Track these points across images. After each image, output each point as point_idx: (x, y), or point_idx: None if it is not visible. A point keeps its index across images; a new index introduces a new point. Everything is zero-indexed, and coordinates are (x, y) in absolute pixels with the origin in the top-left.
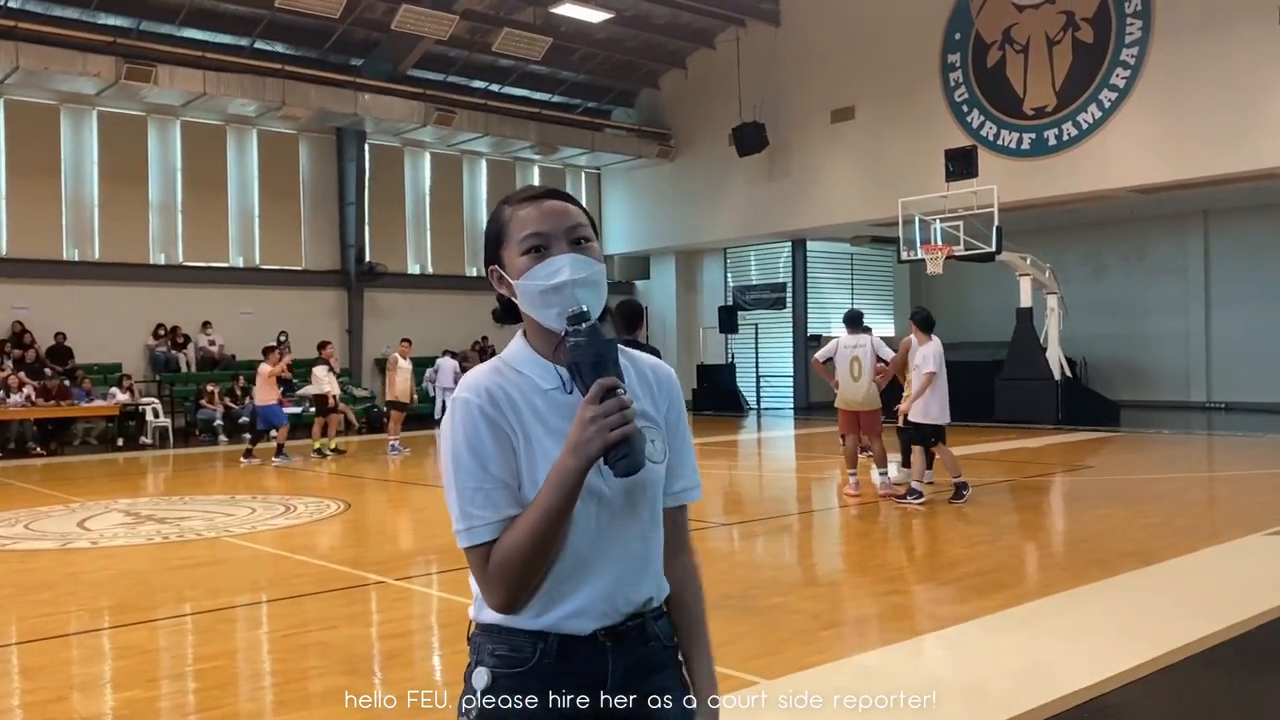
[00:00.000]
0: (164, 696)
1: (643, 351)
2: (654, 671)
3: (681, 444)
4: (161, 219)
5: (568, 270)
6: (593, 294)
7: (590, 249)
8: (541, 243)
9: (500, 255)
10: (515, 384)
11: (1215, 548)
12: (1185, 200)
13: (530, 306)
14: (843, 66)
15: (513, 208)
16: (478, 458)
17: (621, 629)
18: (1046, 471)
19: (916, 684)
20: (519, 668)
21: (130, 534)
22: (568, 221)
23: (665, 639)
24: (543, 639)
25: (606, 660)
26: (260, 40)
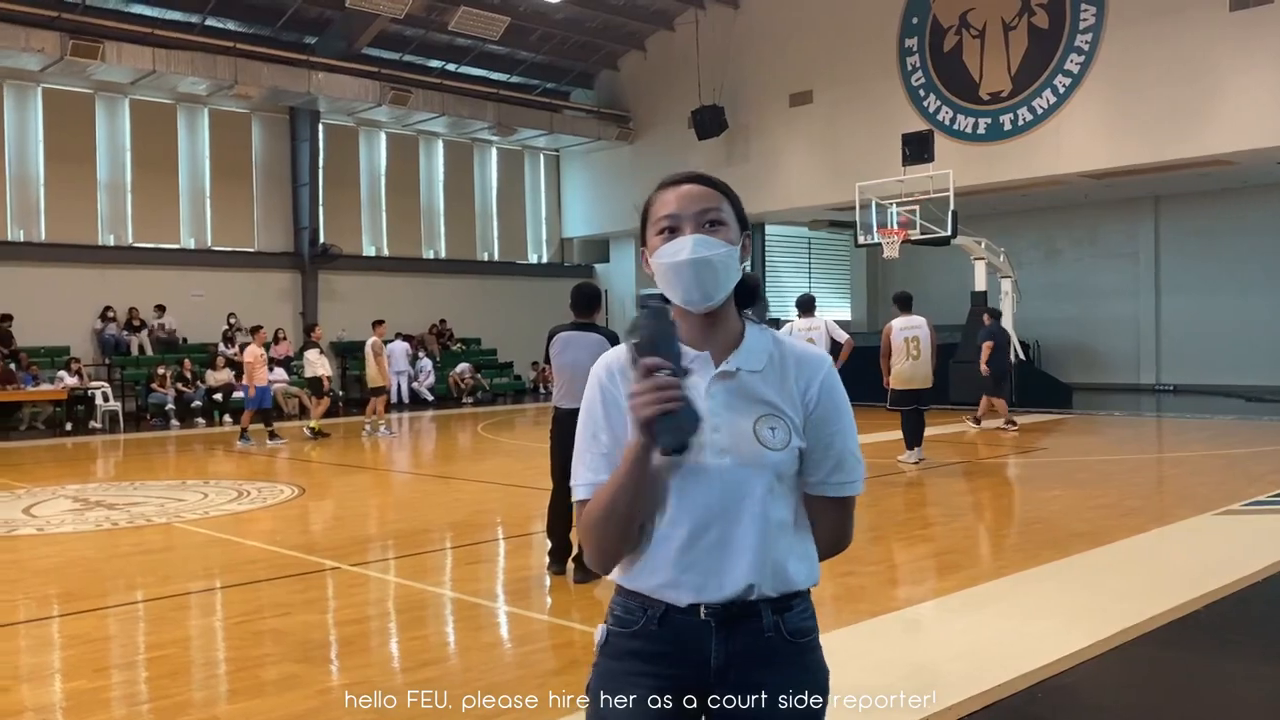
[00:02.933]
0: (114, 686)
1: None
2: (769, 664)
3: (829, 434)
4: (110, 199)
5: (688, 249)
6: (713, 274)
7: (720, 231)
8: (673, 224)
9: (646, 238)
10: None
11: (1165, 528)
12: (1136, 186)
13: (661, 283)
14: (801, 50)
15: (660, 191)
16: (591, 425)
17: (728, 611)
18: (1000, 454)
19: (871, 666)
20: (628, 629)
21: (78, 520)
22: (700, 204)
23: (791, 634)
24: (650, 605)
25: (710, 639)
26: (211, 17)
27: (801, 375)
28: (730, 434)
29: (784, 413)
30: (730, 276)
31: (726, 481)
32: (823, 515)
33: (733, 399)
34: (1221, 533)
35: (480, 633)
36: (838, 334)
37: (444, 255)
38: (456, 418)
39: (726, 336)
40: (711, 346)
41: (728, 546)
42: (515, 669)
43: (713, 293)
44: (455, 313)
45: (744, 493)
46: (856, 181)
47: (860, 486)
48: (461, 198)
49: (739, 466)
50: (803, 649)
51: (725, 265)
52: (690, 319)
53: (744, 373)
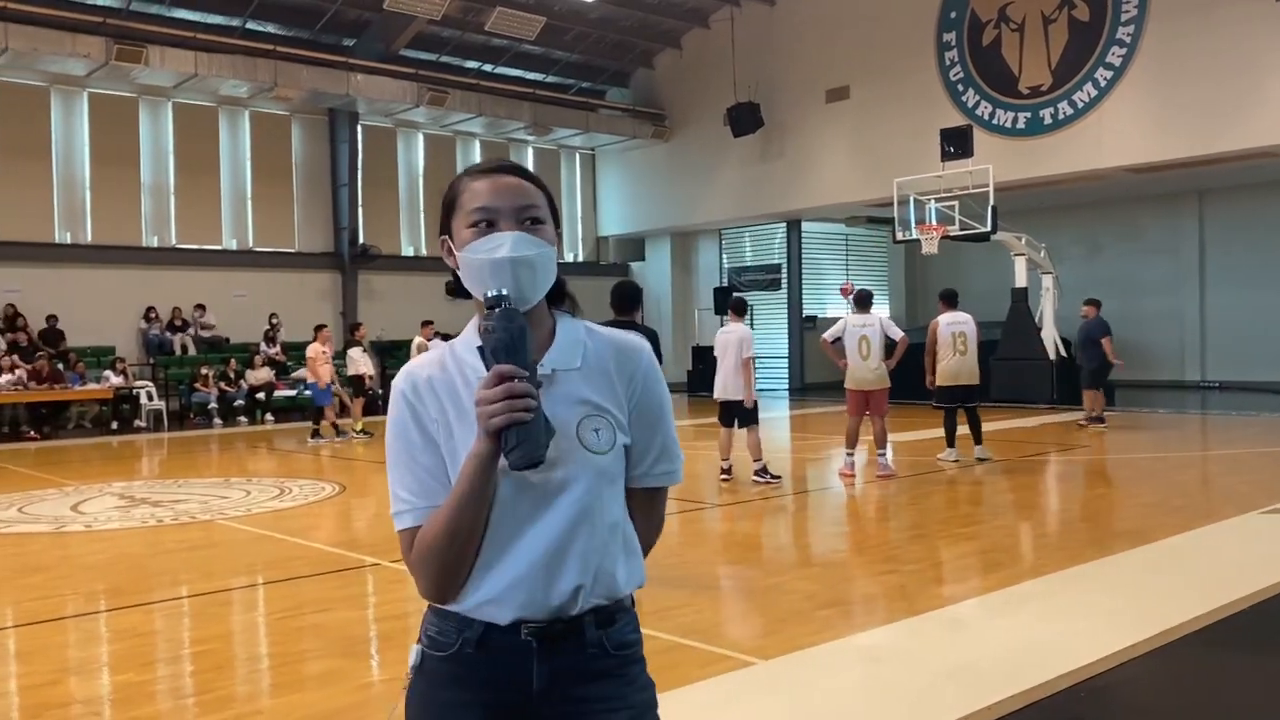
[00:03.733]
0: (160, 679)
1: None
2: (592, 680)
3: (652, 424)
4: (153, 201)
5: (508, 247)
6: (533, 275)
7: (540, 230)
8: (488, 218)
9: (450, 226)
10: (451, 369)
11: (1211, 526)
12: (1180, 179)
13: (469, 280)
14: (838, 46)
15: (470, 178)
16: (404, 444)
17: (550, 629)
18: (1041, 451)
19: (913, 664)
20: (442, 652)
21: (125, 517)
22: (520, 200)
23: (613, 647)
24: (468, 626)
25: (531, 659)
26: (252, 20)
27: (623, 366)
28: (554, 442)
29: (607, 411)
30: (548, 278)
31: (550, 489)
32: (644, 506)
33: (552, 403)
34: (1268, 532)
35: None
36: (893, 331)
37: None
38: None
39: (539, 336)
40: None
41: (553, 557)
42: None
43: (530, 294)
44: None
45: (569, 500)
46: (894, 177)
47: (681, 474)
48: None
49: (563, 473)
50: (626, 661)
51: (545, 266)
52: None
53: (560, 373)
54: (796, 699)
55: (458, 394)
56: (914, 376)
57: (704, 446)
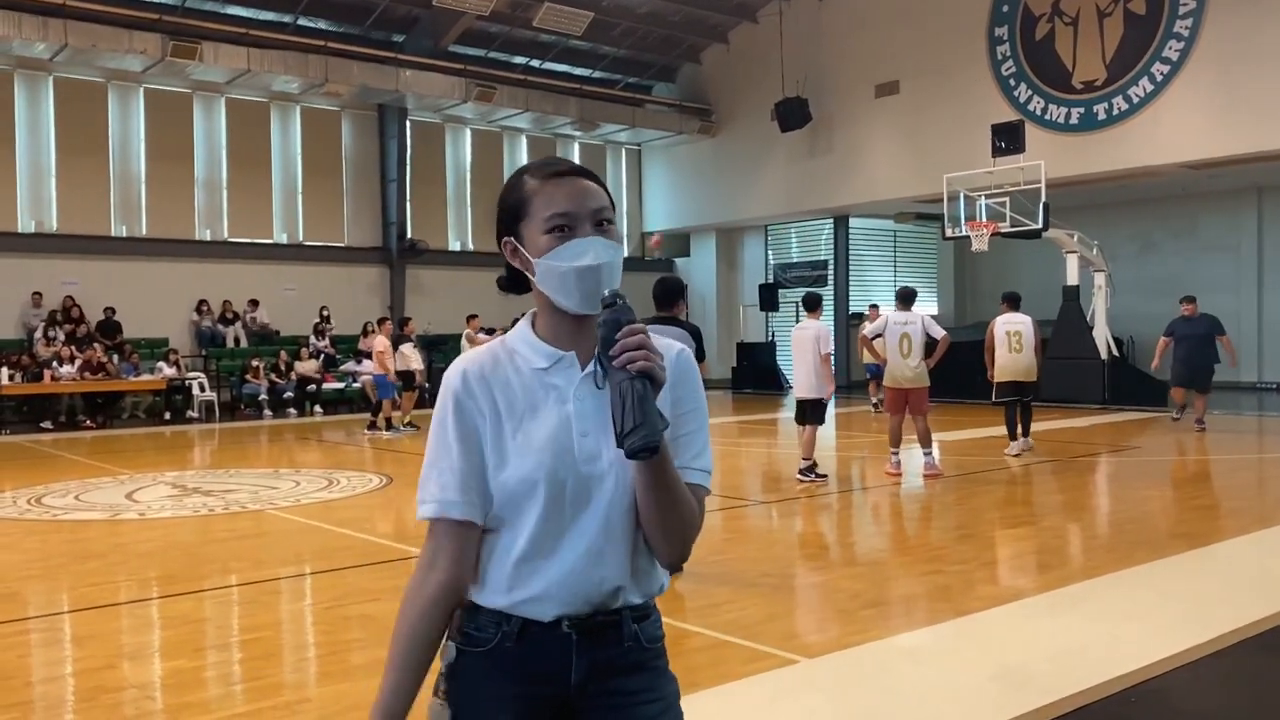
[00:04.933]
0: (210, 666)
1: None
2: (629, 672)
3: (690, 424)
4: (207, 195)
5: (593, 254)
6: (614, 278)
7: (612, 231)
8: (567, 223)
9: (519, 229)
10: (503, 361)
11: (1267, 530)
12: (1238, 176)
13: (550, 286)
14: (887, 40)
15: (537, 181)
16: (445, 438)
17: (590, 622)
18: (1092, 451)
19: (958, 665)
20: (480, 648)
21: (177, 506)
22: (593, 203)
23: (648, 640)
24: (506, 620)
25: (570, 652)
26: (303, 17)
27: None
28: (597, 440)
29: None
30: (619, 279)
31: (594, 488)
32: None
33: (600, 403)
34: None
35: None
36: (934, 330)
37: None
38: None
39: (593, 334)
40: (579, 346)
41: (596, 554)
42: None
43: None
44: None
45: (612, 498)
46: (944, 173)
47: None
48: None
49: (607, 472)
50: (657, 654)
51: (619, 269)
52: (559, 318)
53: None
54: (840, 698)
55: (510, 386)
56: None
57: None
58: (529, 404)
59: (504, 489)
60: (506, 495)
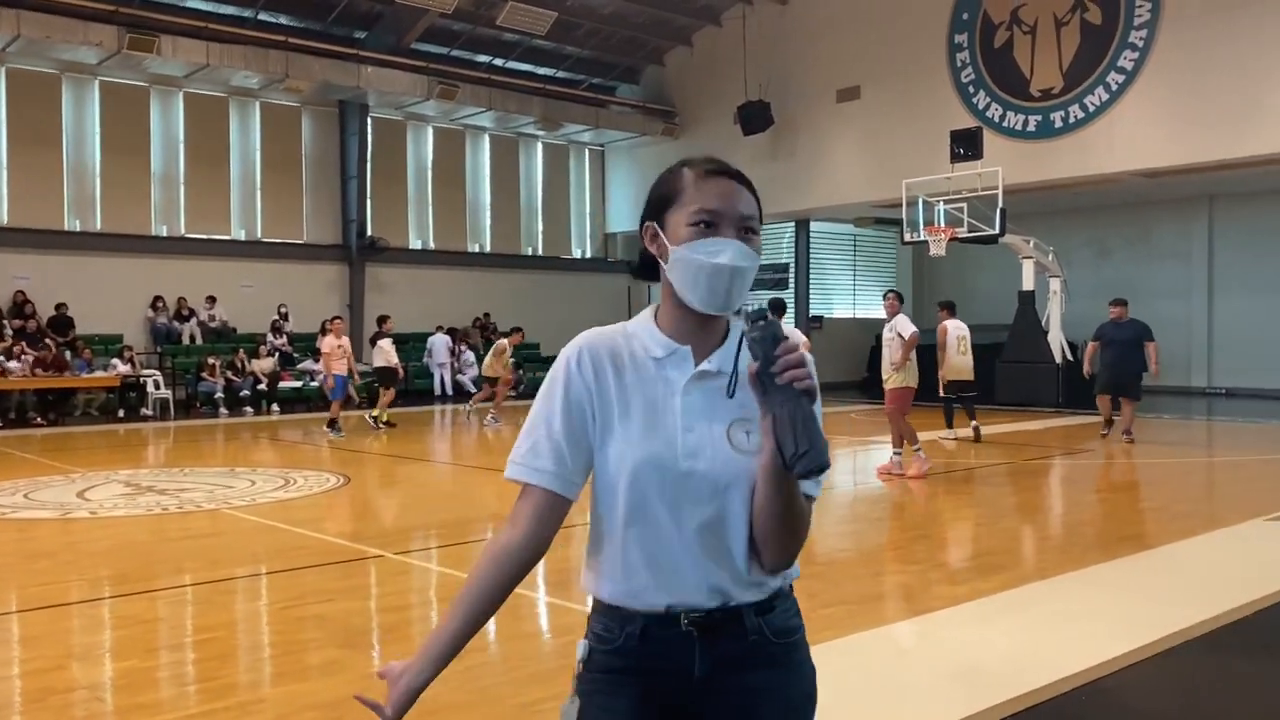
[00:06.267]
0: (163, 666)
1: None
2: (753, 668)
3: None
4: (163, 190)
5: (729, 254)
6: (743, 285)
7: (754, 241)
8: (713, 219)
9: (664, 216)
10: (621, 346)
11: (1215, 533)
12: (1190, 185)
13: (680, 276)
14: (849, 46)
15: (695, 175)
16: (549, 406)
17: (710, 619)
18: (1046, 454)
19: (914, 665)
20: (607, 646)
21: (130, 505)
22: (743, 208)
23: (775, 634)
24: (630, 620)
25: (693, 649)
26: (264, 12)
27: None
28: (702, 437)
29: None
30: (748, 288)
31: (696, 484)
32: None
33: (709, 400)
34: (1272, 538)
35: (521, 623)
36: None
37: (489, 249)
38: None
39: (713, 333)
40: (695, 342)
41: (699, 552)
42: (556, 658)
43: (735, 302)
44: (498, 306)
45: (716, 497)
46: (903, 179)
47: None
48: (507, 192)
49: (712, 470)
50: (790, 648)
51: (751, 277)
52: (682, 313)
53: (724, 373)
54: None
55: (624, 371)
56: None
57: None
58: (641, 392)
59: (608, 474)
60: (611, 481)
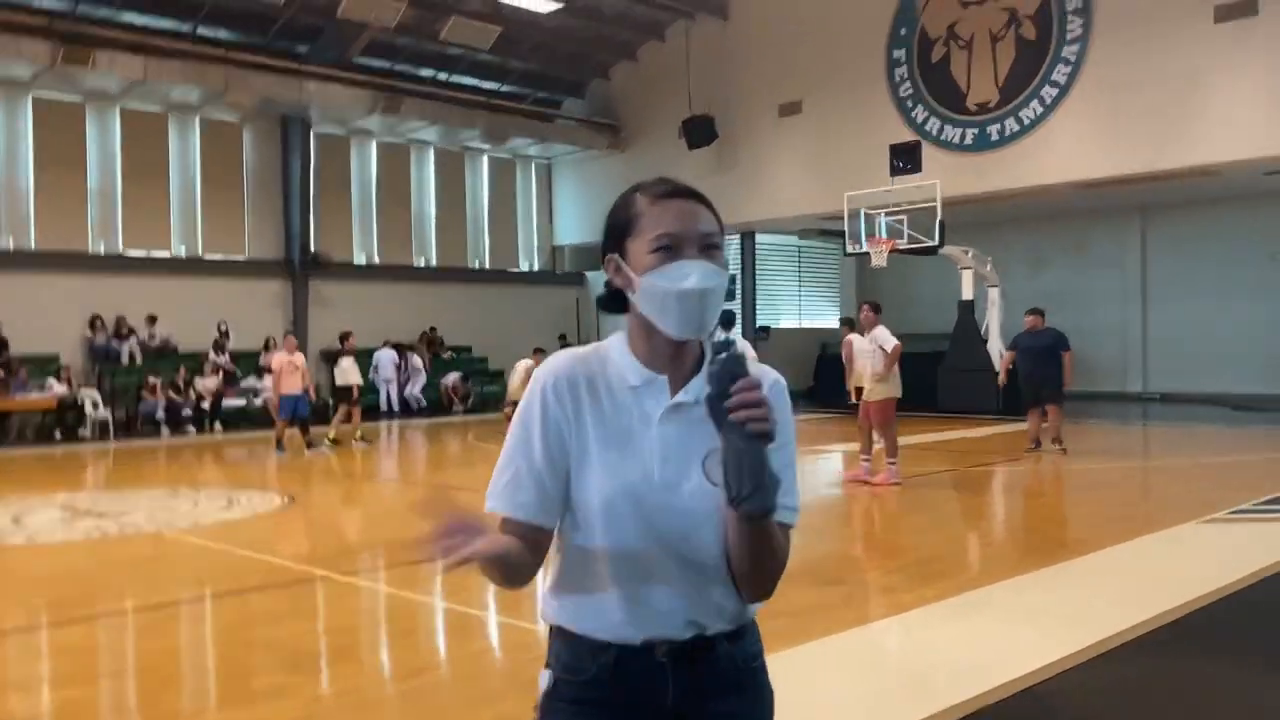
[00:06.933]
0: (104, 695)
1: None
2: (722, 695)
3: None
4: (100, 207)
5: (696, 277)
6: (715, 305)
7: (718, 257)
8: (673, 243)
9: (625, 246)
10: (597, 373)
11: (1150, 536)
12: (1124, 195)
13: (649, 305)
14: (790, 61)
15: (648, 200)
16: (526, 437)
17: (683, 648)
18: (988, 461)
19: (860, 673)
20: (578, 676)
21: (68, 530)
22: (702, 226)
23: (744, 660)
24: (603, 651)
25: (666, 679)
26: (203, 26)
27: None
28: (679, 468)
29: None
30: (721, 306)
31: (673, 517)
32: None
33: (685, 431)
34: (1206, 540)
35: (470, 641)
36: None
37: (435, 263)
38: (447, 426)
39: (687, 360)
40: (671, 369)
41: (677, 584)
42: (505, 677)
43: (708, 325)
44: (446, 321)
45: (690, 529)
46: (845, 191)
47: (797, 514)
48: (453, 206)
49: (687, 502)
50: (755, 673)
51: (722, 295)
52: (656, 339)
53: (700, 402)
54: None
55: (601, 400)
56: None
57: None
58: (617, 422)
59: (584, 504)
60: (585, 510)
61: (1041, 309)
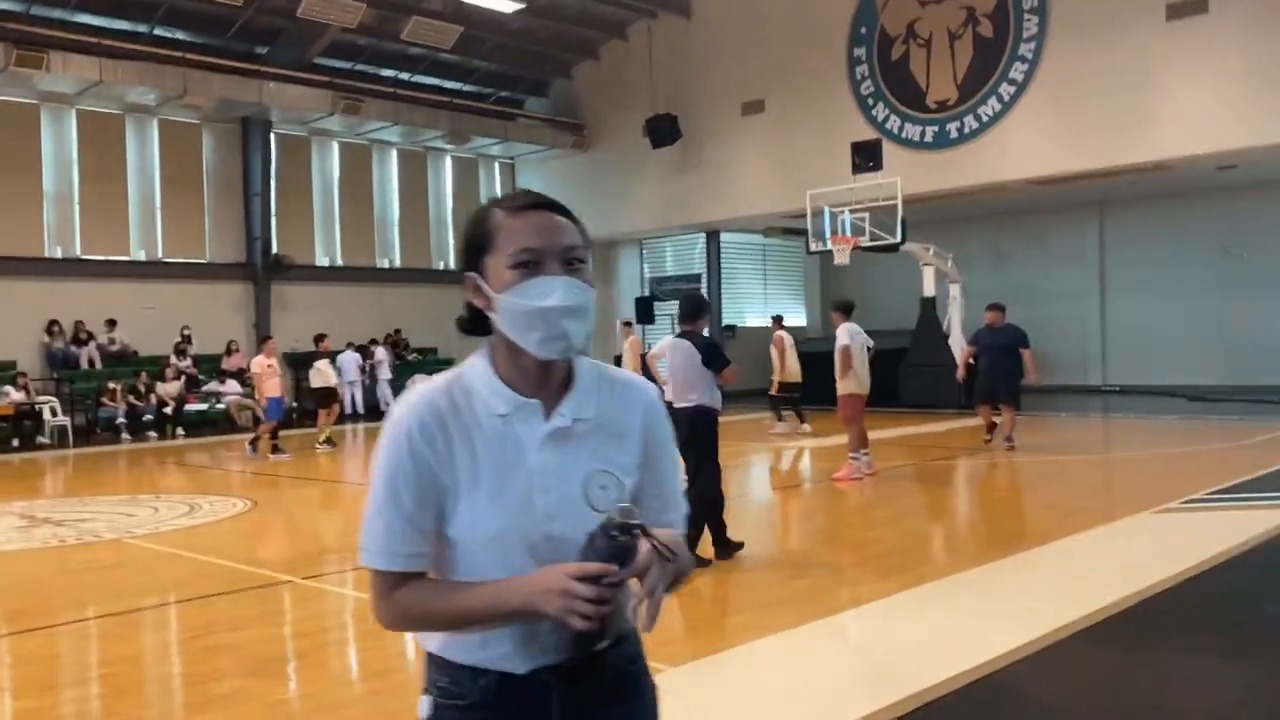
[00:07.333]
0: (63, 703)
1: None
2: (609, 703)
3: (659, 472)
4: (56, 210)
5: (559, 294)
6: (581, 323)
7: (583, 272)
8: (534, 258)
9: (483, 263)
10: (462, 406)
11: (1105, 526)
12: (1081, 191)
13: (510, 325)
14: (752, 59)
15: (505, 214)
16: (394, 485)
17: (568, 665)
18: (949, 455)
19: (821, 665)
20: (459, 700)
21: (26, 538)
22: (564, 239)
23: (626, 662)
24: (482, 674)
25: (550, 697)
26: (160, 27)
27: (634, 412)
28: (559, 498)
29: (617, 465)
30: (591, 324)
31: (557, 547)
32: None
33: (564, 456)
34: (1160, 530)
35: None
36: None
37: (399, 264)
38: None
39: (557, 379)
40: (543, 393)
41: None
42: None
43: (575, 343)
44: (410, 322)
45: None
46: (808, 189)
47: (683, 524)
48: (416, 207)
49: (567, 530)
50: (636, 674)
51: (591, 311)
52: (522, 361)
53: (577, 423)
54: (704, 705)
55: (469, 434)
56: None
57: None
58: (488, 456)
59: (463, 546)
60: (465, 551)
61: (1002, 304)
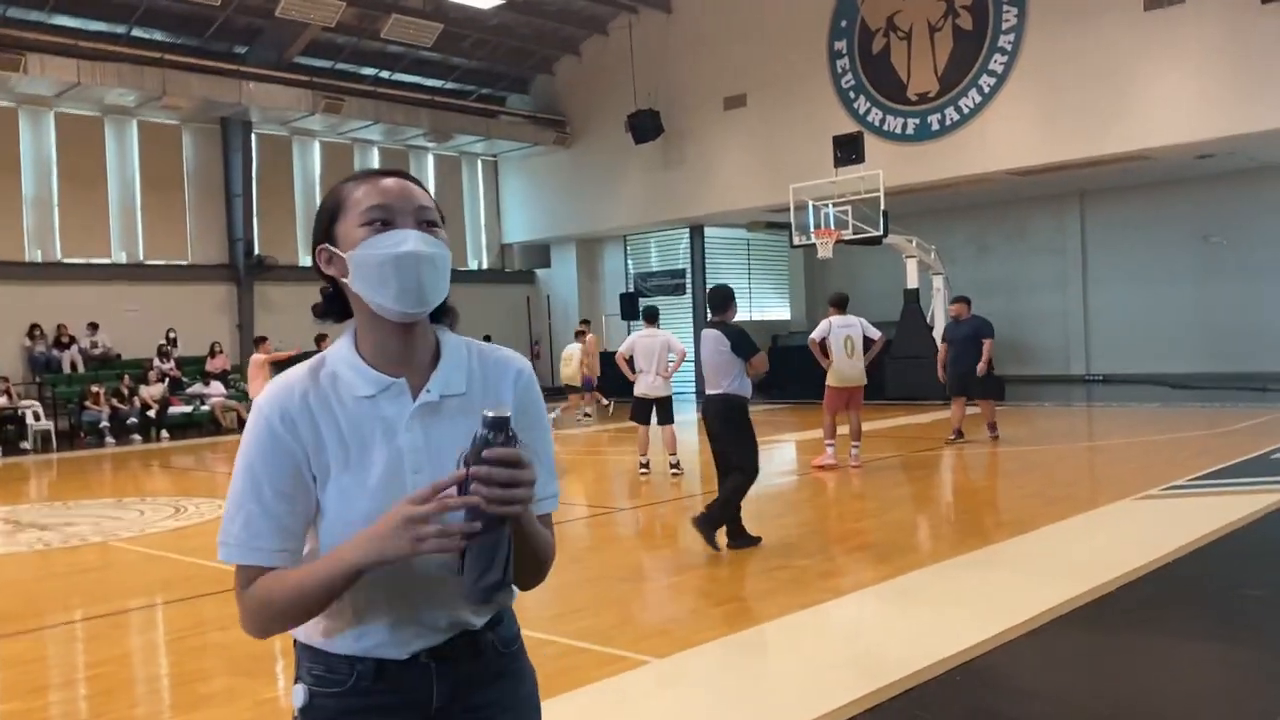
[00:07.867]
0: (51, 705)
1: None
2: (489, 683)
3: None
4: (36, 214)
5: (412, 242)
6: (436, 276)
7: (437, 233)
8: (386, 216)
9: (334, 231)
10: (325, 391)
11: (1087, 514)
12: (1062, 181)
13: (364, 282)
14: (734, 54)
15: (356, 183)
16: (253, 476)
17: (448, 648)
18: (934, 446)
19: (804, 655)
20: (336, 688)
21: (9, 542)
22: (416, 201)
23: (504, 644)
24: (359, 661)
25: (431, 679)
26: (138, 28)
27: (506, 386)
28: (430, 476)
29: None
30: (446, 283)
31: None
32: None
33: (434, 434)
34: (1140, 517)
35: None
36: (871, 331)
37: None
38: None
39: (423, 355)
40: (407, 370)
41: (441, 594)
42: None
43: (432, 296)
44: None
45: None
46: (791, 183)
47: (558, 500)
48: None
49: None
50: (515, 655)
51: (445, 269)
52: (383, 334)
53: (446, 399)
54: (689, 695)
55: (334, 418)
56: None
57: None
58: (356, 439)
59: (332, 534)
60: (338, 537)
61: (967, 297)
